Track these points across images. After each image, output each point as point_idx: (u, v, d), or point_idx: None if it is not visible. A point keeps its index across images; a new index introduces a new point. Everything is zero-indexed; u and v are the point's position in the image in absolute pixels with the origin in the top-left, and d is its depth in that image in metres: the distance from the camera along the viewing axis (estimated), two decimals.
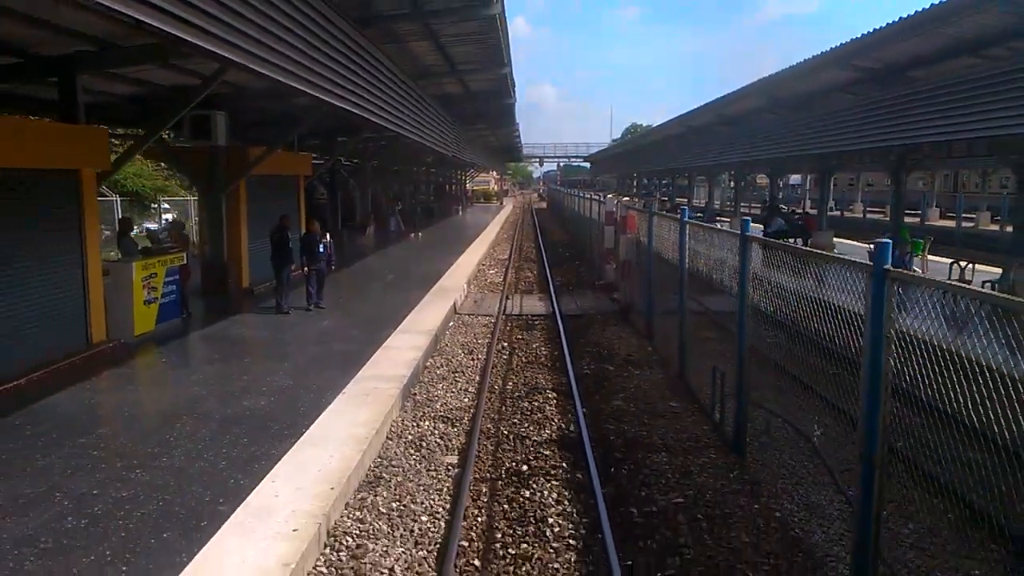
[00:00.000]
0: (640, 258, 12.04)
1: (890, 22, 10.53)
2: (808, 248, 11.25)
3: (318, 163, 19.79)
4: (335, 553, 4.67)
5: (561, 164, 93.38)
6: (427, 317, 11.58)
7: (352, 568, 4.51)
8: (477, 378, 8.92)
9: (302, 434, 6.26)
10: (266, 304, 12.33)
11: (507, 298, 14.74)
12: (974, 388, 3.50)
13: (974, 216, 34.34)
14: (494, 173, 79.40)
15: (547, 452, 6.56)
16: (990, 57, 10.85)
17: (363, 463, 5.94)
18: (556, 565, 4.63)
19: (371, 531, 5.00)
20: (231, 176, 13.16)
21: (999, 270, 13.37)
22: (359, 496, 5.51)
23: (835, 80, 14.39)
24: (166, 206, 27.35)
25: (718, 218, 28.42)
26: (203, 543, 4.35)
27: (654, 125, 54.12)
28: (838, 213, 40.69)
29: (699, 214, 26.34)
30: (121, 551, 4.29)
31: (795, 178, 57.15)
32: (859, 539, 3.91)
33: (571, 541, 4.95)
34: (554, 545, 4.90)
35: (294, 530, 4.54)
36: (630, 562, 4.63)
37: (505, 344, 10.91)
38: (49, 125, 8.65)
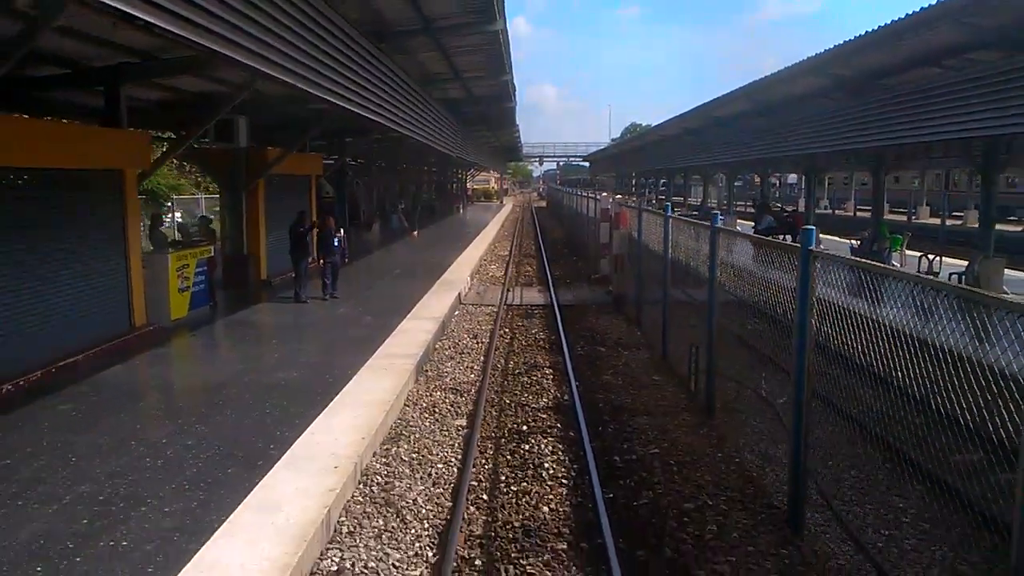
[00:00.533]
0: (631, 251, 13.04)
1: (856, 35, 11.53)
2: (768, 237, 12.20)
3: (327, 163, 20.77)
4: (368, 487, 5.66)
5: (560, 163, 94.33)
6: (434, 306, 12.56)
7: (383, 498, 5.50)
8: (482, 358, 9.89)
9: (333, 399, 7.24)
10: (284, 294, 13.31)
11: (508, 290, 15.73)
12: (862, 335, 4.45)
13: (962, 214, 35.28)
14: (494, 172, 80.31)
15: (544, 416, 7.55)
16: (950, 67, 11.83)
17: (386, 422, 6.92)
18: (550, 497, 5.62)
19: (396, 472, 5.99)
20: (251, 176, 14.15)
21: (966, 262, 14.34)
22: (384, 447, 6.50)
23: (815, 86, 15.40)
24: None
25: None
26: (263, 475, 5.33)
27: (653, 125, 55.19)
28: (830, 212, 41.65)
29: (694, 212, 27.34)
30: (196, 480, 5.27)
31: (792, 177, 58.21)
32: (793, 458, 4.91)
33: (563, 481, 5.94)
34: (549, 483, 5.88)
35: (335, 467, 5.53)
36: (611, 495, 5.61)
37: (507, 330, 11.89)
38: (99, 130, 9.60)
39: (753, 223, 22.76)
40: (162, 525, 4.56)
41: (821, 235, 21.98)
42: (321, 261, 13.06)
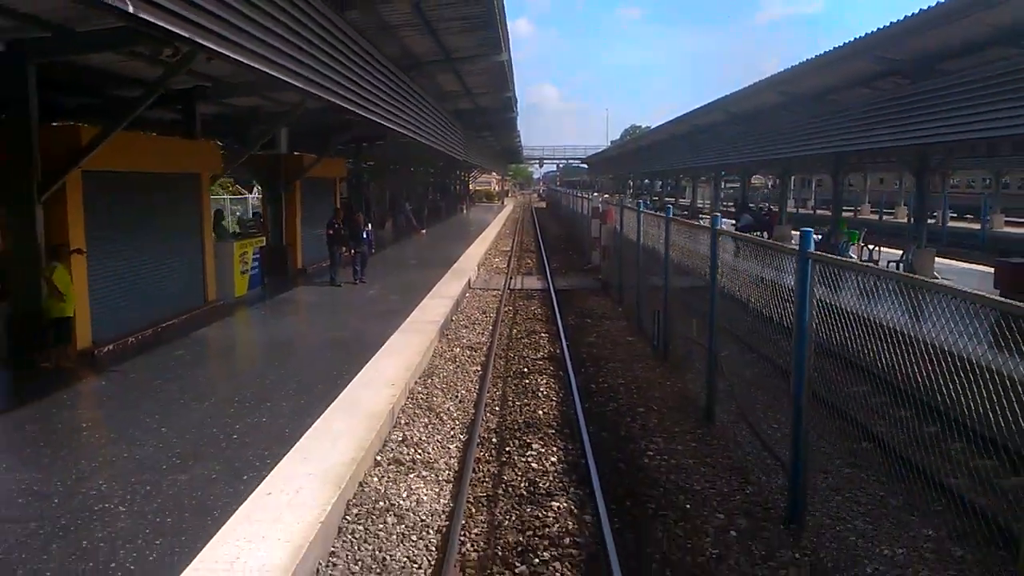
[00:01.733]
0: (615, 243, 15.34)
1: (799, 62, 13.85)
2: (690, 222, 14.45)
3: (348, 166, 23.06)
4: (415, 399, 7.95)
5: (560, 165, 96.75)
6: (449, 288, 14.84)
7: (426, 405, 7.79)
8: (490, 327, 12.18)
9: (378, 350, 9.50)
10: (320, 279, 15.60)
11: (511, 278, 18.02)
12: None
13: (936, 213, 37.66)
14: (495, 174, 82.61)
15: (540, 362, 9.84)
16: (880, 88, 14.13)
17: (421, 364, 9.20)
18: (544, 407, 7.91)
19: (433, 393, 8.28)
20: (289, 178, 16.44)
21: (900, 252, 16.67)
22: (422, 379, 8.79)
23: (775, 101, 17.71)
24: None
25: (700, 214, 31.80)
26: (342, 389, 7.60)
27: (652, 127, 57.54)
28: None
29: (684, 211, 29.70)
30: (297, 391, 7.53)
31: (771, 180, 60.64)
32: (708, 374, 7.20)
33: (553, 400, 8.22)
34: (543, 401, 8.17)
35: (392, 385, 7.81)
36: (587, 404, 7.90)
37: (510, 308, 14.18)
38: (183, 141, 11.87)
39: (734, 220, 25.10)
40: (284, 412, 6.84)
41: (792, 231, 24.30)
42: (352, 251, 15.34)
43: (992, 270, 13.05)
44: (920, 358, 4.33)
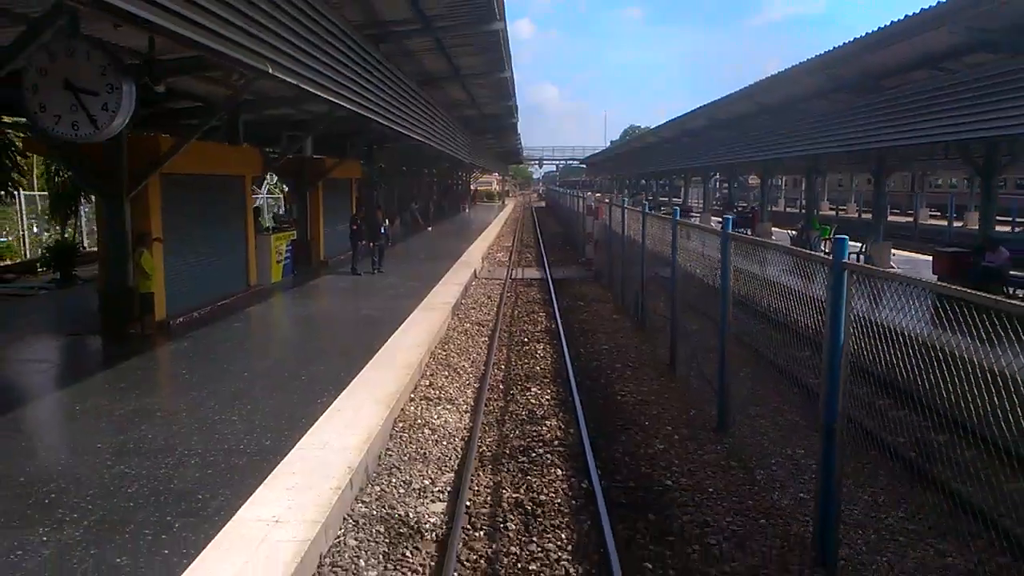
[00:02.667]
0: (605, 237, 17.18)
1: (768, 75, 15.70)
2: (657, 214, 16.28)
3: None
4: (435, 358, 9.80)
5: (559, 166, 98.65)
6: (457, 277, 16.68)
7: (446, 363, 9.64)
8: (495, 308, 14.02)
9: (402, 324, 11.32)
10: (341, 269, 17.44)
11: (512, 269, 19.88)
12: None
13: (912, 212, 39.58)
14: (496, 174, 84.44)
15: (539, 334, 11.69)
16: (841, 101, 15.99)
17: (439, 334, 11.05)
18: (541, 364, 9.75)
19: (450, 355, 10.12)
20: (314, 179, 18.28)
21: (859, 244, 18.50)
22: (440, 345, 10.63)
23: (751, 108, 19.57)
24: None
25: (690, 213, 33.65)
26: (377, 351, 9.42)
27: (652, 127, 59.44)
28: (799, 210, 46.09)
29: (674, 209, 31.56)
30: (340, 353, 9.36)
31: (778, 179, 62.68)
32: (672, 340, 9.04)
33: (548, 360, 10.06)
34: (540, 360, 10.01)
35: (417, 346, 9.66)
36: (576, 362, 9.74)
37: (511, 293, 16.03)
38: (232, 147, 13.71)
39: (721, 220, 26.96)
40: (335, 364, 8.66)
41: (772, 228, 26.16)
42: (371, 244, 17.18)
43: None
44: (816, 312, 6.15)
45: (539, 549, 4.82)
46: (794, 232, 22.36)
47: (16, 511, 4.73)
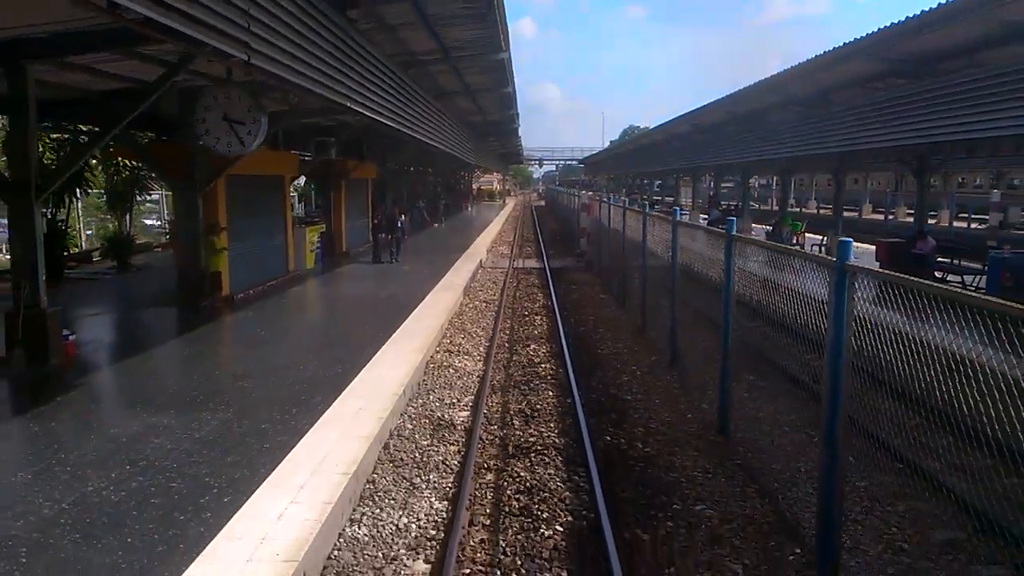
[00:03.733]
0: (597, 231, 19.45)
1: (738, 88, 17.96)
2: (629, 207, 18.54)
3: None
4: (453, 325, 12.06)
5: (559, 166, 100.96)
6: (466, 266, 18.94)
7: (461, 329, 11.90)
8: (499, 290, 16.27)
9: (422, 300, 13.57)
10: (363, 259, 19.70)
11: (514, 260, 22.15)
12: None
13: (895, 210, 41.90)
14: (497, 174, 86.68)
15: (537, 309, 13.96)
16: (813, 107, 18.23)
17: (454, 308, 13.30)
18: (539, 330, 12.02)
19: (464, 323, 12.39)
20: (337, 179, 20.55)
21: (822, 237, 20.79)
22: (456, 316, 12.89)
23: (728, 116, 21.84)
24: None
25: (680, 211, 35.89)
26: (403, 320, 11.68)
27: (648, 128, 61.78)
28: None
29: (668, 207, 33.96)
30: (374, 324, 11.61)
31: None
32: (641, 310, 11.31)
33: (544, 327, 12.31)
34: (538, 327, 12.26)
35: (437, 316, 11.92)
36: (567, 328, 12.00)
37: (513, 279, 18.28)
38: (274, 152, 15.96)
39: (706, 215, 29.27)
40: (372, 327, 10.90)
41: (753, 224, 28.40)
42: (389, 236, 19.45)
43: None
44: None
45: (535, 432, 7.09)
46: (769, 227, 24.62)
47: (186, 404, 6.99)
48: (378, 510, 5.35)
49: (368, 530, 5.04)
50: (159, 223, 33.38)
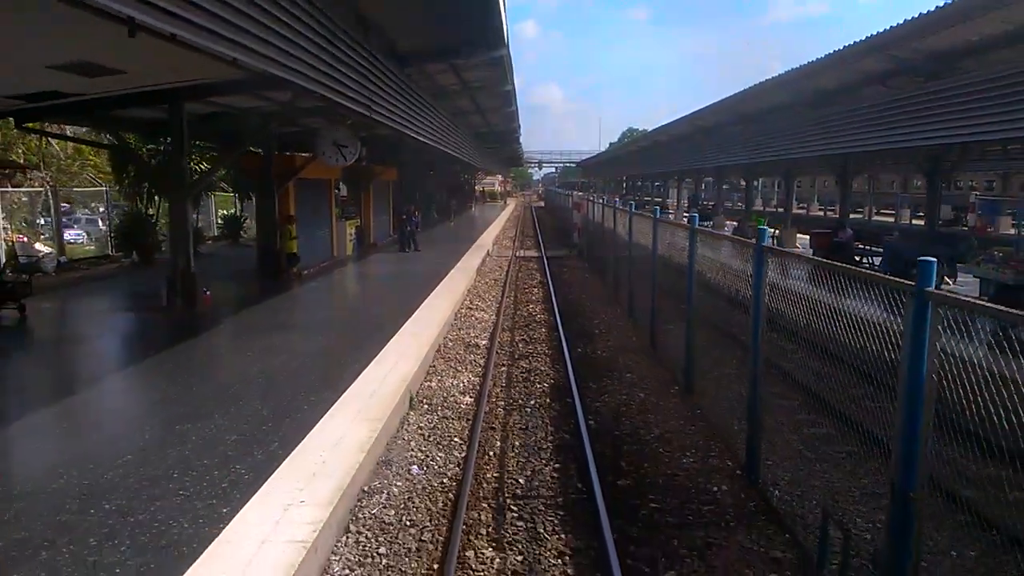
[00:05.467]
0: (587, 225, 23.19)
1: (718, 100, 21.69)
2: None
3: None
4: (470, 297, 15.78)
5: (558, 168, 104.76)
6: (475, 254, 22.66)
7: (477, 296, 15.63)
8: (505, 272, 20.00)
9: (444, 278, 17.26)
10: (388, 249, 23.44)
11: (516, 251, 25.89)
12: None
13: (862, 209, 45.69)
14: (499, 176, 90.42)
15: (535, 285, 17.69)
16: (775, 118, 21.96)
17: (470, 283, 17.03)
18: (537, 298, 15.75)
19: (479, 293, 16.11)
20: (366, 181, 24.28)
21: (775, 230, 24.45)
22: (472, 290, 16.61)
23: (711, 122, 25.57)
24: None
25: (667, 209, 39.73)
26: (435, 287, 15.39)
27: (646, 131, 65.55)
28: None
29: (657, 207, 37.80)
30: (406, 295, 15.29)
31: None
32: (628, 297, 15.08)
33: (541, 296, 16.03)
34: (536, 296, 16.00)
35: (458, 285, 15.65)
36: (559, 299, 15.73)
37: (516, 265, 22.02)
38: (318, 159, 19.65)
39: (686, 214, 33.03)
40: (411, 295, 14.57)
41: (726, 221, 32.11)
42: (410, 230, 23.19)
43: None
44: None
45: (532, 348, 10.82)
46: (736, 223, 28.37)
47: (302, 329, 10.71)
48: (440, 378, 9.08)
49: (438, 383, 8.78)
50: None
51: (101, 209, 25.24)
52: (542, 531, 5.18)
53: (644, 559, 4.78)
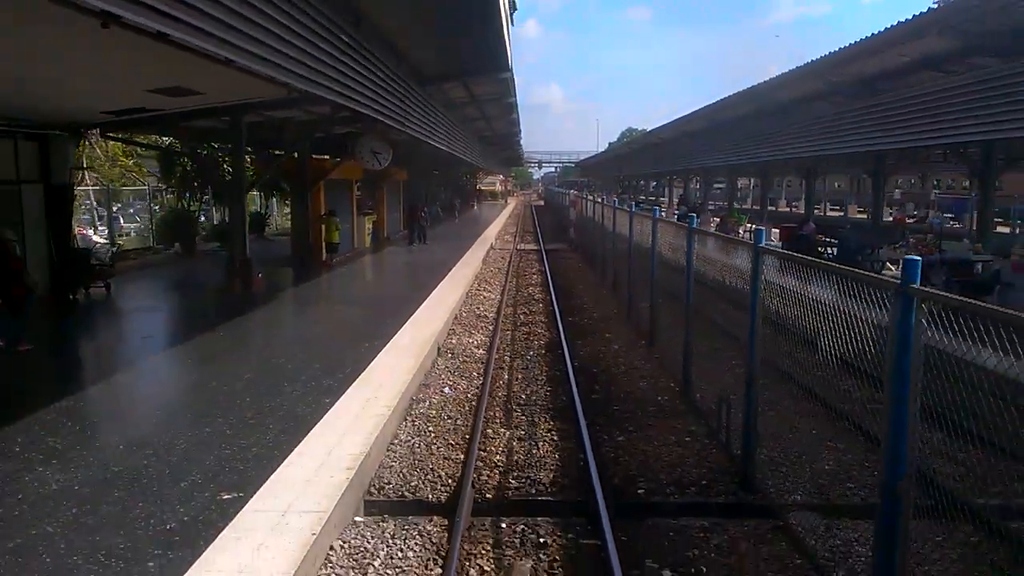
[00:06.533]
0: (580, 220, 25.63)
1: (693, 110, 24.12)
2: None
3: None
4: (479, 279, 18.21)
5: (558, 168, 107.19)
6: (480, 246, 25.10)
7: (484, 281, 18.07)
8: (507, 262, 22.43)
9: (454, 266, 19.67)
10: (400, 243, 25.88)
11: (517, 244, 28.33)
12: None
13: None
14: (500, 176, 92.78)
15: (534, 272, 20.14)
16: (744, 125, 24.38)
17: (477, 270, 19.46)
18: (535, 281, 18.19)
19: (486, 277, 18.55)
20: (381, 181, 26.69)
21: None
22: (479, 275, 19.05)
23: (695, 127, 27.99)
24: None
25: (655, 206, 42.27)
26: (447, 274, 17.82)
27: (646, 130, 68.00)
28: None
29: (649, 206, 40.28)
30: (423, 276, 17.72)
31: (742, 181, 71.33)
32: (612, 276, 17.55)
33: (538, 279, 18.47)
34: (534, 280, 18.43)
35: (467, 272, 18.08)
36: (554, 281, 18.17)
37: (517, 256, 24.45)
38: (344, 162, 22.09)
39: (676, 211, 35.46)
40: (427, 279, 16.97)
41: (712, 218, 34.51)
42: (420, 224, 25.62)
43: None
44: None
45: (533, 320, 13.26)
46: (718, 219, 30.80)
47: (349, 302, 13.12)
48: (459, 336, 11.52)
49: (457, 340, 11.22)
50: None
51: (138, 205, 27.79)
52: (537, 421, 7.61)
53: (604, 433, 7.20)
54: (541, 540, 5.06)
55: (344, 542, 4.91)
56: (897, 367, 3.54)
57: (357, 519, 5.32)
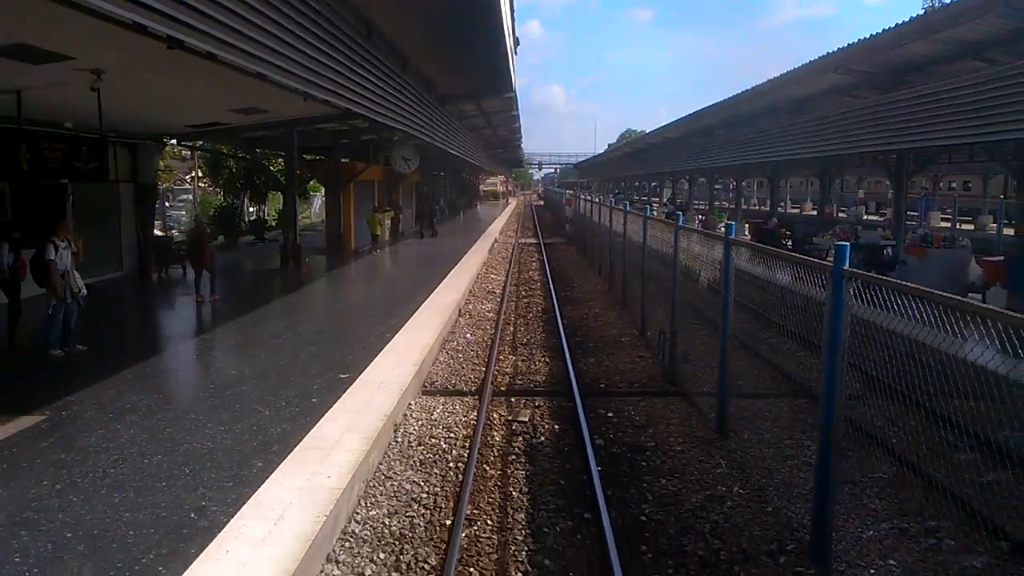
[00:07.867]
0: (575, 216, 28.76)
1: (676, 117, 27.22)
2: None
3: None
4: (485, 269, 21.32)
5: (558, 169, 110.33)
6: (485, 239, 28.21)
7: (491, 267, 21.18)
8: (510, 253, 25.52)
9: (463, 256, 22.75)
10: (414, 237, 29.00)
11: (518, 239, 31.47)
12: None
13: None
14: (501, 176, 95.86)
15: (533, 261, 23.25)
16: (727, 131, 27.48)
17: (484, 258, 22.57)
18: (534, 270, 21.32)
19: (492, 264, 21.67)
20: (397, 181, 29.82)
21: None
22: (486, 265, 22.16)
23: (684, 130, 31.08)
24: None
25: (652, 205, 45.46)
26: (458, 262, 20.93)
27: (647, 131, 71.10)
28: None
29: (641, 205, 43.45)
30: (432, 269, 20.82)
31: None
32: (609, 270, 20.63)
33: (537, 268, 21.58)
34: (533, 268, 21.55)
35: (476, 260, 21.19)
36: (551, 270, 21.27)
37: (519, 248, 27.55)
38: (368, 166, 25.21)
39: (665, 209, 38.60)
40: (440, 266, 20.08)
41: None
42: (430, 219, 28.75)
43: None
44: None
45: (533, 294, 16.39)
46: (702, 217, 33.92)
47: (375, 281, 16.24)
48: (474, 304, 14.63)
49: (472, 307, 14.34)
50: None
51: (177, 202, 31.00)
52: (535, 352, 10.72)
53: (581, 359, 10.32)
54: (536, 404, 8.18)
55: (415, 403, 8.03)
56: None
57: (421, 397, 8.44)
